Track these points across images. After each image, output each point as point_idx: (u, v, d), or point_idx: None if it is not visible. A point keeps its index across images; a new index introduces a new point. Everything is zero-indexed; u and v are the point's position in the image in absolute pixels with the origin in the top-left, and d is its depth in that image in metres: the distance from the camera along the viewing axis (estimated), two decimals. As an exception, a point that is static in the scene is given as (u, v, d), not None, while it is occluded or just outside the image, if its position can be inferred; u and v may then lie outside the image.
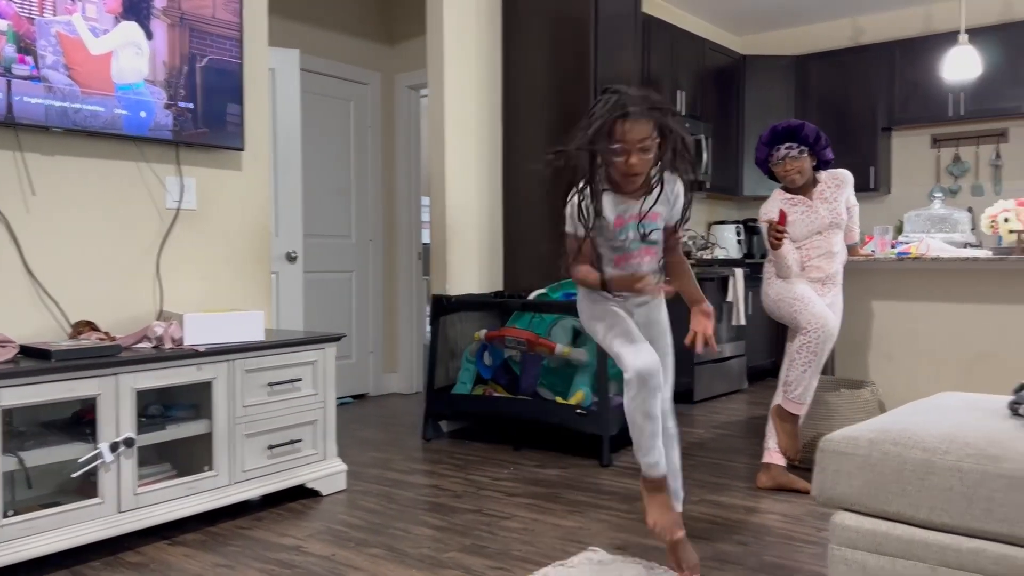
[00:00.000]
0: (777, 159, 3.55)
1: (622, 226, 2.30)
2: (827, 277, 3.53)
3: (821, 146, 3.55)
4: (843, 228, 3.60)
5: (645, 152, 2.18)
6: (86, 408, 2.77)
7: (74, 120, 2.98)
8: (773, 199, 3.63)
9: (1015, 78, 5.84)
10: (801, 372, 3.39)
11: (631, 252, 2.34)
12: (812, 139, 3.51)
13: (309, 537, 2.90)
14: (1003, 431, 1.90)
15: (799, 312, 3.43)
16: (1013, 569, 1.73)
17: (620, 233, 2.30)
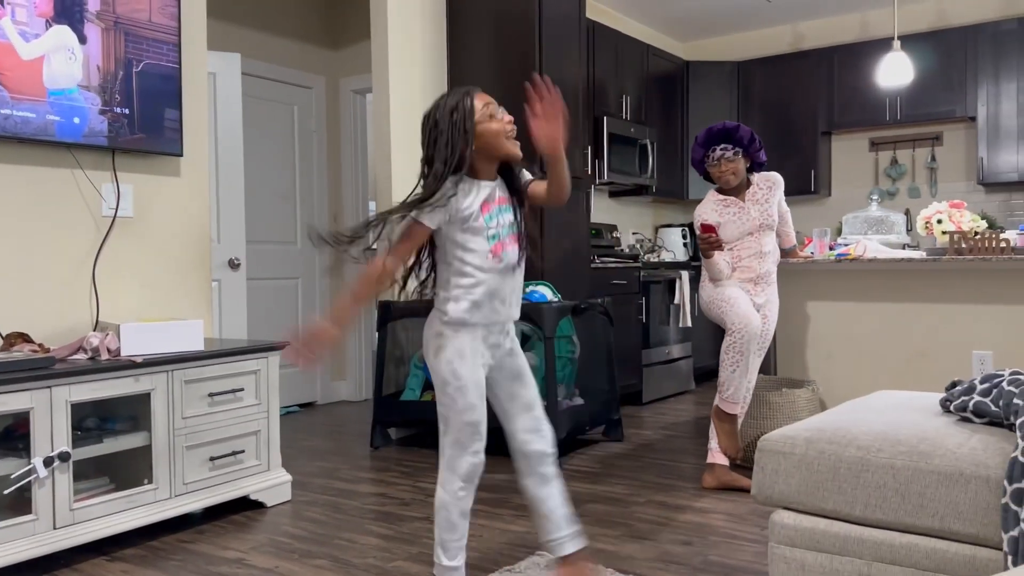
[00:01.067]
0: (713, 160, 3.60)
1: (489, 211, 2.16)
2: (759, 277, 3.60)
3: (755, 148, 3.62)
4: (774, 229, 3.67)
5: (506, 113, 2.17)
6: (19, 422, 2.69)
7: (3, 126, 2.89)
8: (707, 201, 3.69)
9: (948, 83, 6.01)
10: (731, 372, 3.45)
11: (505, 240, 2.18)
12: (747, 141, 3.59)
13: (252, 550, 2.86)
14: (935, 428, 1.94)
15: (725, 312, 3.50)
16: (944, 563, 1.78)
17: (489, 218, 2.15)
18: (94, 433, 2.90)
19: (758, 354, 3.58)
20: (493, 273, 2.16)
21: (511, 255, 2.19)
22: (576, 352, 4.36)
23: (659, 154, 6.27)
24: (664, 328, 5.78)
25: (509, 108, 2.24)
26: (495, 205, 2.18)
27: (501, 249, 2.16)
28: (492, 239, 2.15)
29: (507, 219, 2.20)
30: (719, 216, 3.62)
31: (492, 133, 2.13)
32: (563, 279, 4.76)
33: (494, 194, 2.19)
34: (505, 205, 2.21)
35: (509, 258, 2.19)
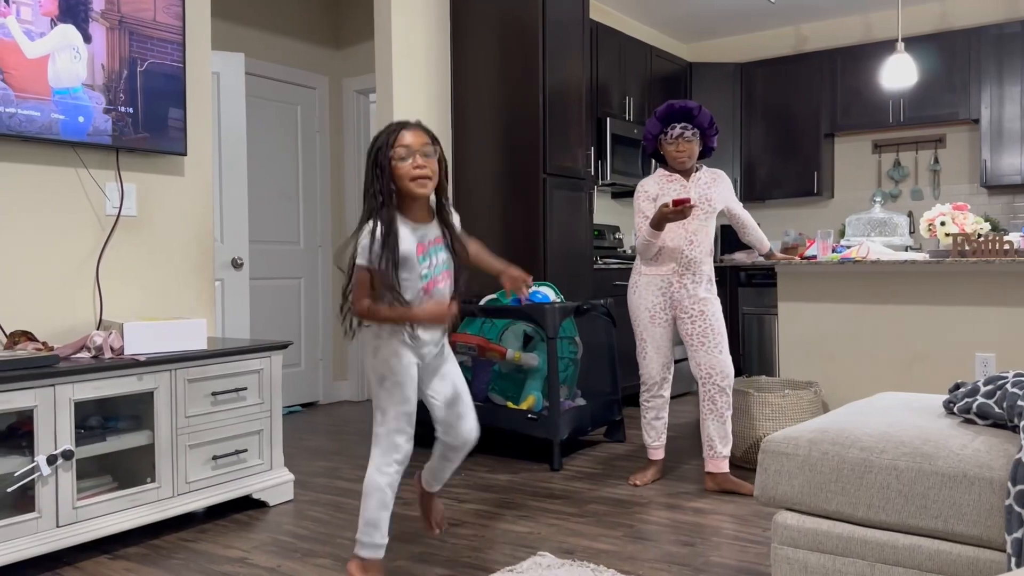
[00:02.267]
0: (672, 136, 3.52)
1: (424, 252, 2.33)
2: (688, 263, 3.50)
3: (712, 133, 3.59)
4: (711, 222, 3.58)
5: (427, 157, 2.27)
6: (22, 420, 2.69)
7: (8, 125, 2.90)
8: (652, 176, 3.65)
9: (951, 85, 6.01)
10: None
11: (437, 277, 2.36)
12: (707, 124, 3.55)
13: (255, 548, 2.86)
14: (938, 430, 1.95)
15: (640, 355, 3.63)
16: (947, 564, 1.78)
17: (423, 259, 2.32)
18: (97, 432, 2.90)
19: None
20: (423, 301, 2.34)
21: (442, 291, 2.38)
22: (578, 353, 4.37)
23: (662, 155, 6.26)
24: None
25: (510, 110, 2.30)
26: (430, 246, 2.35)
27: (433, 286, 2.35)
28: (424, 278, 2.33)
29: (441, 258, 2.37)
30: (659, 190, 3.56)
31: (398, 174, 2.26)
32: (566, 280, 4.76)
33: (427, 235, 2.34)
34: (440, 244, 2.38)
35: (440, 294, 2.37)
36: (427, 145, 2.28)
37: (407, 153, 2.25)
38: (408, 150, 2.25)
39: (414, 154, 2.26)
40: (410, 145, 2.26)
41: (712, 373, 3.48)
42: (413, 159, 2.25)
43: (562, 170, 4.89)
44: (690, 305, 3.52)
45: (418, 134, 2.29)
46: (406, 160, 2.25)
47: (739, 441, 3.77)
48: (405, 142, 2.26)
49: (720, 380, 3.48)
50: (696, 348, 3.52)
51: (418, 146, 2.27)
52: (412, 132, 2.29)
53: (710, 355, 3.49)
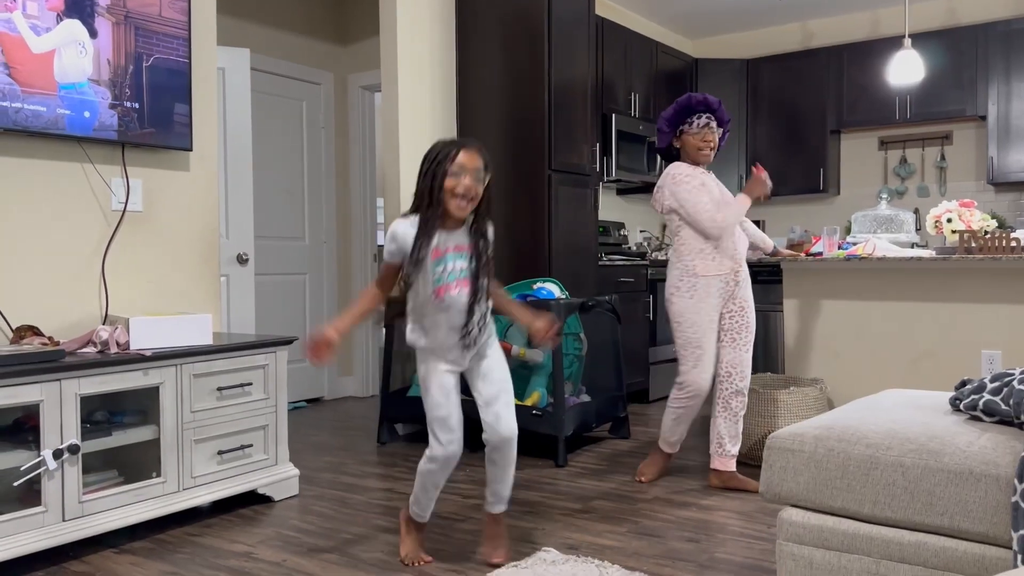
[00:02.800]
0: (698, 126, 3.40)
1: (439, 256, 2.41)
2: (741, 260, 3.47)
3: (726, 131, 3.53)
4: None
5: (477, 181, 2.39)
6: (28, 415, 2.70)
7: (14, 120, 2.90)
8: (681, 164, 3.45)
9: (958, 82, 5.98)
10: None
11: (449, 283, 2.42)
12: (725, 120, 3.48)
13: (260, 543, 2.86)
14: (944, 427, 1.94)
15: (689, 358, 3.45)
16: (953, 561, 1.77)
17: (438, 263, 2.41)
18: (103, 426, 2.91)
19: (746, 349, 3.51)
20: (437, 311, 2.44)
21: (455, 298, 2.43)
22: (583, 349, 4.36)
23: (667, 152, 6.24)
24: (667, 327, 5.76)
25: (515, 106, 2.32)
26: (448, 252, 2.42)
27: (444, 292, 2.42)
28: (436, 282, 2.41)
29: (458, 265, 2.43)
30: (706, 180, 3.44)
31: (445, 187, 2.37)
32: (570, 276, 4.76)
33: (447, 242, 2.43)
34: (463, 252, 2.45)
35: (453, 300, 2.43)
36: (480, 170, 2.40)
37: (460, 171, 2.37)
38: (462, 168, 2.37)
39: (466, 174, 2.37)
40: (464, 165, 2.37)
41: (732, 372, 3.46)
42: (463, 178, 2.37)
43: (567, 166, 4.88)
44: (734, 302, 3.47)
45: (474, 157, 2.40)
46: (457, 177, 2.37)
47: (744, 438, 3.76)
48: (461, 160, 2.37)
49: (739, 381, 3.46)
50: (726, 345, 3.47)
51: (471, 167, 2.38)
52: (469, 154, 2.39)
53: (737, 352, 3.46)
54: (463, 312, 2.44)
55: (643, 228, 6.73)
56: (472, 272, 2.45)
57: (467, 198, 2.39)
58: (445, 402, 2.49)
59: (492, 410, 2.52)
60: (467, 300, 2.43)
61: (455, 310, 2.43)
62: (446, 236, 2.43)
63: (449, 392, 2.50)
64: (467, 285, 2.44)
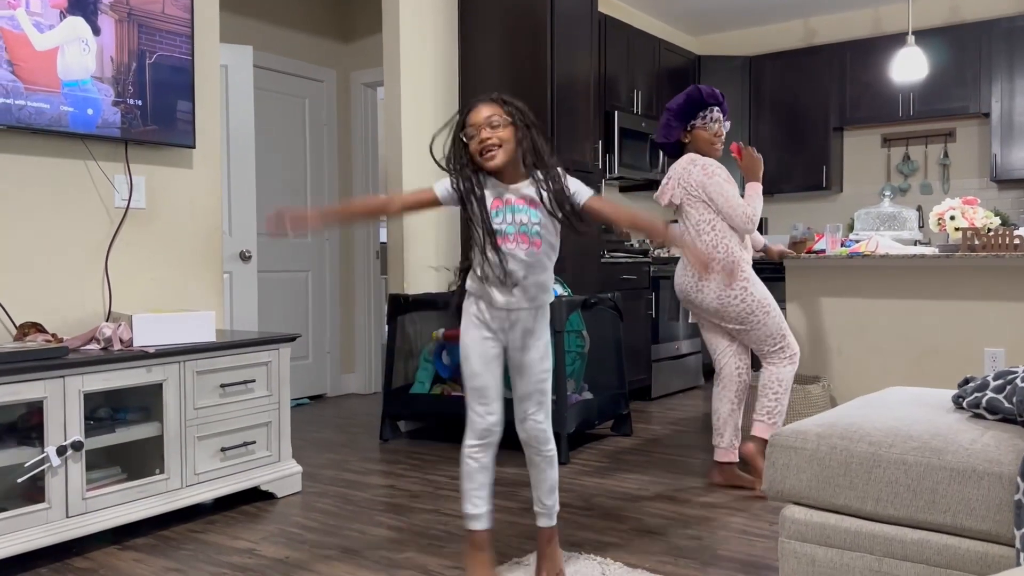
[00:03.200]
0: (712, 120, 3.36)
1: (498, 208, 2.29)
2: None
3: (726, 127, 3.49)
4: None
5: (493, 128, 2.24)
6: (32, 411, 2.71)
7: (18, 117, 2.91)
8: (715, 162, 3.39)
9: (962, 79, 5.97)
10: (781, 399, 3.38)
11: (507, 235, 2.27)
12: (727, 113, 3.46)
13: (263, 540, 2.87)
14: (947, 424, 1.94)
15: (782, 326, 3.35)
16: (956, 559, 1.78)
17: (496, 214, 2.28)
18: (106, 423, 2.92)
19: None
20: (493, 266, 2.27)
21: (513, 252, 2.27)
22: (585, 347, 4.36)
23: (670, 149, 6.24)
24: (673, 324, 5.77)
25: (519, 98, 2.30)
26: (506, 204, 2.28)
27: (501, 243, 2.27)
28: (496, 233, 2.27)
29: (520, 219, 2.28)
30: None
31: (471, 152, 2.27)
32: (573, 274, 4.75)
33: (504, 194, 2.29)
34: (522, 206, 2.28)
35: (511, 255, 2.27)
36: (492, 116, 2.25)
37: (473, 132, 2.26)
38: (474, 129, 2.26)
39: (479, 130, 2.25)
40: (475, 123, 2.26)
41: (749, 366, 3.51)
42: (478, 135, 2.25)
43: (570, 163, 4.86)
44: None
45: (482, 108, 2.27)
46: (472, 139, 2.26)
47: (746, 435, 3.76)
48: (471, 122, 2.27)
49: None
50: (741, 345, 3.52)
51: (482, 121, 2.25)
52: (477, 109, 2.28)
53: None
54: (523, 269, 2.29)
55: (645, 225, 6.71)
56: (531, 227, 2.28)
57: (488, 148, 2.25)
58: (483, 371, 2.34)
59: (522, 407, 2.42)
60: (528, 254, 2.28)
61: (513, 266, 2.27)
62: (503, 188, 2.30)
63: (489, 361, 2.34)
64: (529, 242, 2.28)
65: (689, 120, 3.41)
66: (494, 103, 2.28)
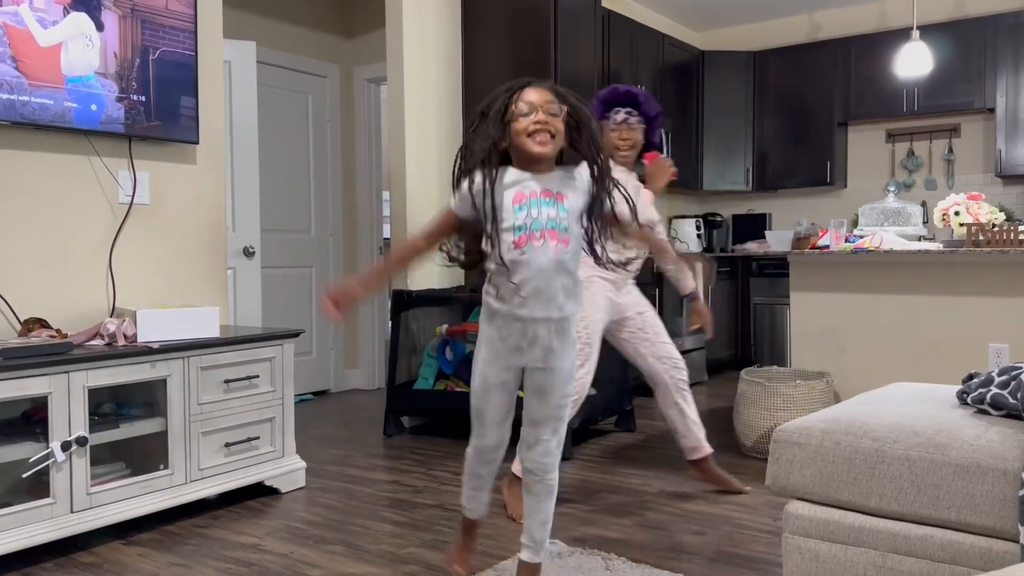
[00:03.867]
0: (615, 122, 3.18)
1: (522, 201, 2.04)
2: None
3: (656, 125, 3.28)
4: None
5: (552, 116, 2.02)
6: (37, 407, 2.71)
7: (22, 113, 2.91)
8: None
9: (967, 74, 5.95)
10: None
11: (533, 232, 2.02)
12: (653, 115, 3.26)
13: (267, 535, 2.88)
14: (951, 420, 1.94)
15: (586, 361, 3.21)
16: (960, 555, 1.77)
17: (519, 209, 2.03)
18: (111, 418, 2.92)
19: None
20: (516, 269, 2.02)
21: (541, 250, 2.02)
22: (589, 342, 4.35)
23: (673, 144, 6.24)
24: (677, 319, 5.76)
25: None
26: (530, 197, 2.03)
27: (525, 241, 2.01)
28: (517, 230, 2.02)
29: (547, 213, 2.03)
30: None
31: (515, 131, 2.03)
32: (577, 269, 4.74)
33: (531, 185, 2.04)
34: (549, 200, 2.04)
35: (538, 253, 2.02)
36: (552, 103, 2.02)
37: (529, 109, 2.01)
38: (531, 106, 2.01)
39: (536, 109, 2.01)
40: (533, 102, 2.01)
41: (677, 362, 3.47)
42: (536, 114, 2.01)
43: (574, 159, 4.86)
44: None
45: (543, 92, 2.04)
46: (528, 116, 2.01)
47: (750, 431, 3.77)
48: (526, 98, 2.02)
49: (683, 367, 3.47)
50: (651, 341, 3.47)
51: (542, 103, 2.02)
52: (537, 90, 2.04)
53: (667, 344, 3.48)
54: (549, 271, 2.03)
55: (649, 221, 6.70)
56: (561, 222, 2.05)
57: (544, 131, 2.01)
58: (484, 396, 2.18)
59: (534, 432, 2.20)
60: (558, 253, 2.03)
61: (538, 266, 2.02)
62: (527, 178, 2.06)
63: (490, 389, 2.17)
64: (559, 239, 2.04)
65: (599, 119, 3.20)
66: (548, 89, 2.06)
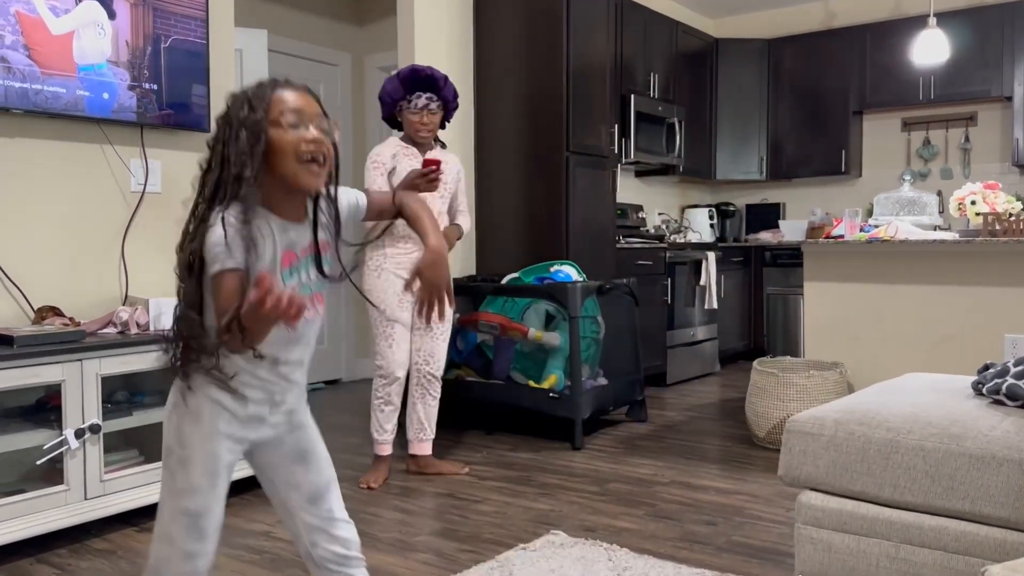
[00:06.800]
0: (416, 106, 3.30)
1: (292, 264, 1.52)
2: None
3: (452, 108, 3.43)
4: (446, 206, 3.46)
5: (325, 133, 1.51)
6: (51, 394, 2.73)
7: (35, 101, 2.91)
8: (389, 143, 3.40)
9: (984, 62, 5.88)
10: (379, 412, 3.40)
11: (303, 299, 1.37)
12: (451, 98, 3.39)
13: (278, 523, 2.87)
14: (966, 411, 1.92)
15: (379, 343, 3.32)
16: (974, 546, 1.76)
17: (290, 273, 1.51)
18: (123, 406, 2.94)
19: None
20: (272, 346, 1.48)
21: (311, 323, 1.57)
22: (601, 332, 4.35)
23: (687, 133, 6.20)
24: (689, 310, 5.75)
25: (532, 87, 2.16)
26: (303, 255, 1.54)
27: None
28: None
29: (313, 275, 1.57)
30: (395, 161, 3.31)
31: (280, 145, 1.46)
32: (588, 259, 4.74)
33: (300, 241, 1.54)
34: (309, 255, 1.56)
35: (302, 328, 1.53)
36: (322, 117, 1.52)
37: (297, 120, 1.47)
38: (299, 116, 1.47)
39: (307, 123, 1.48)
40: (302, 110, 1.48)
41: (429, 360, 3.42)
42: (305, 129, 1.47)
43: (585, 148, 4.85)
44: None
45: (308, 99, 1.51)
46: (297, 129, 1.47)
47: (763, 421, 3.75)
48: (293, 105, 1.47)
49: (434, 367, 3.43)
50: (423, 333, 3.41)
51: (312, 113, 1.50)
52: (300, 94, 1.50)
53: (434, 341, 3.43)
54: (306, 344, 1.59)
55: (661, 211, 6.69)
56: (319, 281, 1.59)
57: (318, 160, 1.50)
58: (208, 489, 1.51)
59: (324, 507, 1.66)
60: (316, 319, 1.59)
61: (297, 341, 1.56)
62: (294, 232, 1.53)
63: (218, 474, 1.52)
64: (321, 302, 1.60)
65: (399, 101, 3.36)
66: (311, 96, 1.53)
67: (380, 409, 3.41)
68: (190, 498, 1.51)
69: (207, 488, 1.51)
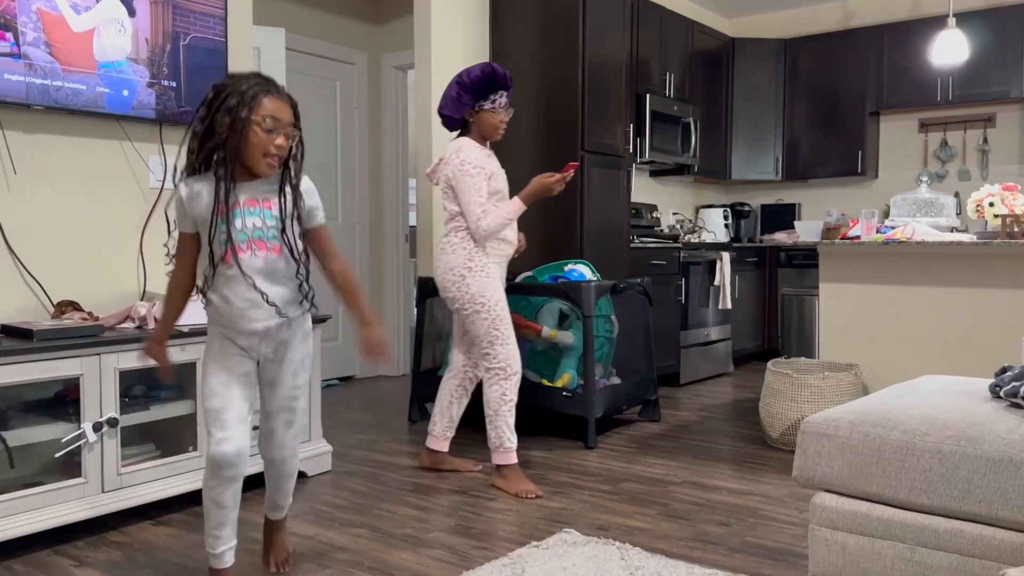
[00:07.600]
0: (500, 105, 3.18)
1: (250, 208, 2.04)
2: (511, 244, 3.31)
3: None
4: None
5: (289, 140, 2.03)
6: (69, 388, 2.75)
7: (55, 98, 2.94)
8: (474, 147, 3.18)
9: (1003, 63, 5.84)
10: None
11: (239, 244, 2.01)
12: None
13: (293, 517, 2.90)
14: (983, 414, 1.91)
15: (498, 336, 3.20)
16: (990, 549, 1.75)
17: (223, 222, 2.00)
18: (141, 400, 2.96)
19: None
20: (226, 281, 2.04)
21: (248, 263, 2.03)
22: (614, 332, 4.35)
23: (702, 133, 6.19)
24: (703, 310, 5.74)
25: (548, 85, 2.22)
26: (239, 206, 2.02)
27: (233, 255, 2.01)
28: (224, 243, 2.00)
29: (252, 222, 2.03)
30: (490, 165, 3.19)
31: (254, 143, 1.97)
32: (602, 258, 4.74)
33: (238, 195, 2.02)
34: (257, 208, 2.04)
35: (248, 266, 2.03)
36: (292, 125, 2.03)
37: (274, 126, 1.98)
38: (276, 123, 1.98)
39: (280, 131, 2.00)
40: (280, 119, 1.99)
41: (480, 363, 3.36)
42: (276, 136, 1.99)
43: (601, 147, 4.85)
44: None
45: (287, 110, 2.02)
46: (271, 133, 1.98)
47: (777, 422, 3.74)
48: (275, 113, 1.98)
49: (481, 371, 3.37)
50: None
51: (285, 121, 2.00)
52: (280, 103, 2.01)
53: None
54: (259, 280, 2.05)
55: (676, 211, 6.68)
56: (276, 232, 2.05)
57: (279, 157, 2.02)
58: (223, 392, 2.11)
59: (268, 425, 2.28)
60: (262, 265, 2.04)
61: (247, 278, 2.03)
62: (253, 186, 2.05)
63: (231, 381, 2.12)
64: (265, 247, 2.04)
65: (479, 99, 3.19)
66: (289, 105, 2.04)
67: (510, 413, 3.23)
68: (211, 399, 2.10)
69: (222, 392, 2.11)
